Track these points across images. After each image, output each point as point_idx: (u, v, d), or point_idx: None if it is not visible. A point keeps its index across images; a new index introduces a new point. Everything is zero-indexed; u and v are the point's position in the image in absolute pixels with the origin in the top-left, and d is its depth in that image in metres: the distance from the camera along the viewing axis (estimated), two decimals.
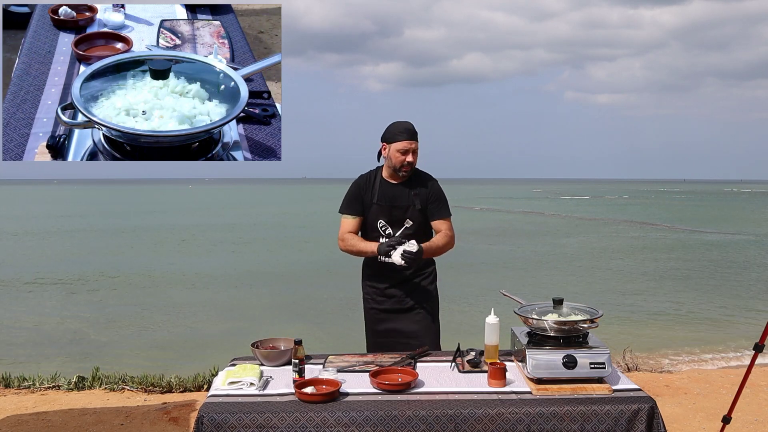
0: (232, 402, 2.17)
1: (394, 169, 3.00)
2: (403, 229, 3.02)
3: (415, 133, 2.99)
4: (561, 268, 15.13)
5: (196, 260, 16.76)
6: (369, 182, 3.08)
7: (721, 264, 15.65)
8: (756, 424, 3.99)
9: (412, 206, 3.01)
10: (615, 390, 2.22)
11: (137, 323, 9.46)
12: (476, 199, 57.70)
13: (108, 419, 4.06)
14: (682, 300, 11.17)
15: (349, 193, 3.10)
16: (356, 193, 3.08)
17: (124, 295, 11.79)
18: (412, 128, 2.99)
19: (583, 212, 38.66)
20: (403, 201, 3.02)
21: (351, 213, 3.08)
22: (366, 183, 3.09)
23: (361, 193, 3.07)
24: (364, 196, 3.07)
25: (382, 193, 3.04)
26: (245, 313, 10.24)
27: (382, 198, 3.04)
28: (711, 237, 22.73)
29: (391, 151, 2.97)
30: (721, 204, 51.36)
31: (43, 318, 9.75)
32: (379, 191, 3.04)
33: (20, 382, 4.78)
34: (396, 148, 2.95)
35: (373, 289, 3.13)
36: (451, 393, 2.23)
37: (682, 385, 4.93)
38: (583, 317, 2.36)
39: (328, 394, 2.16)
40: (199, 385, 4.77)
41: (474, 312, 9.62)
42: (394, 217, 3.03)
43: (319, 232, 24.67)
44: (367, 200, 3.06)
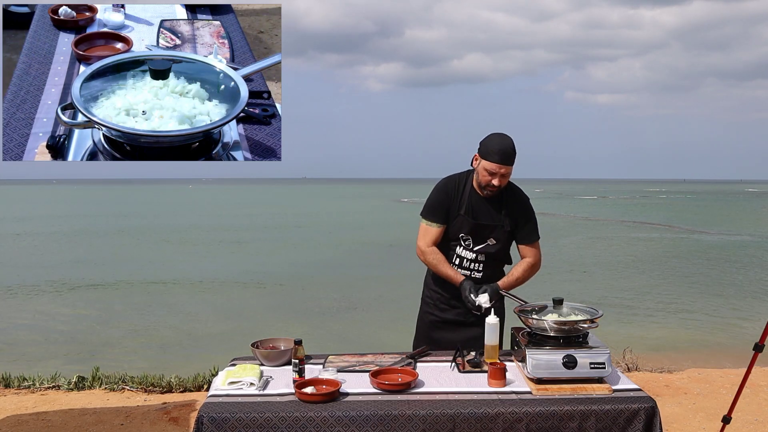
0: (232, 402, 2.17)
1: (479, 185, 2.82)
2: (485, 245, 2.85)
3: (510, 156, 2.71)
4: (561, 268, 15.12)
5: (196, 260, 16.76)
6: (458, 189, 2.87)
7: (722, 264, 15.65)
8: (756, 424, 3.99)
9: (500, 226, 2.84)
10: (615, 390, 2.22)
11: (137, 323, 9.45)
12: None
13: (108, 419, 4.06)
14: (683, 300, 11.17)
15: (435, 199, 2.90)
16: (443, 200, 2.87)
17: (124, 295, 11.79)
18: (508, 150, 2.71)
19: (583, 212, 38.66)
20: (491, 219, 2.84)
21: (435, 221, 2.88)
22: (455, 190, 2.87)
23: (449, 201, 2.86)
24: (452, 205, 2.86)
25: (470, 206, 2.84)
26: (245, 313, 10.24)
27: (470, 211, 2.84)
28: (711, 237, 22.73)
29: (481, 166, 2.75)
30: (721, 204, 51.35)
31: (43, 318, 9.75)
32: (468, 202, 2.84)
33: (20, 382, 4.78)
34: (485, 167, 2.73)
35: (437, 295, 2.98)
36: (451, 393, 2.23)
37: (682, 385, 4.93)
38: (583, 317, 2.36)
39: (328, 394, 2.16)
40: (199, 385, 4.77)
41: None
42: (479, 234, 2.85)
43: (319, 231, 24.69)
44: (454, 209, 2.86)
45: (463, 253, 2.89)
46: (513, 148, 2.74)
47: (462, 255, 2.89)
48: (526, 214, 2.90)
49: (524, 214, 2.89)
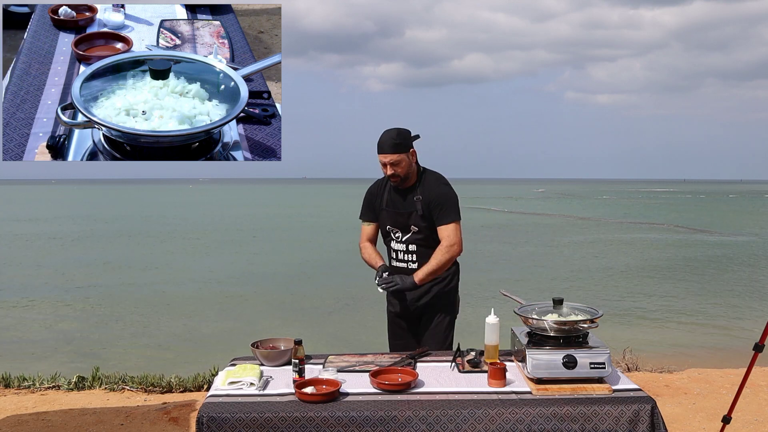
0: (232, 402, 2.17)
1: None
2: (411, 234, 3.01)
3: (390, 146, 2.90)
4: (561, 267, 15.13)
5: (196, 260, 16.76)
6: (380, 188, 3.12)
7: (722, 264, 15.65)
8: (756, 424, 3.99)
9: (415, 212, 2.99)
10: (615, 390, 2.22)
11: (137, 323, 9.45)
12: (477, 199, 57.71)
13: (108, 419, 4.06)
14: (683, 300, 11.16)
15: (364, 200, 3.17)
16: (369, 200, 3.15)
17: (124, 294, 11.79)
18: (389, 140, 2.92)
19: (583, 212, 38.67)
20: (406, 207, 3.01)
21: (366, 219, 3.17)
22: (377, 189, 3.13)
23: (373, 200, 3.12)
24: (375, 202, 3.11)
25: (390, 199, 3.06)
26: (245, 313, 10.23)
27: (390, 204, 3.06)
28: (711, 237, 22.73)
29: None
30: (722, 204, 51.37)
31: (43, 318, 9.75)
32: (387, 197, 3.07)
33: (20, 382, 4.78)
34: (379, 160, 2.96)
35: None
36: (451, 393, 2.23)
37: (682, 385, 4.93)
38: (583, 317, 2.36)
39: (328, 394, 2.16)
40: (199, 385, 4.77)
41: (474, 312, 9.62)
42: (400, 223, 3.03)
43: (319, 231, 24.69)
44: (377, 206, 3.11)
45: (396, 246, 3.08)
46: (395, 138, 2.92)
47: (395, 248, 3.09)
48: (440, 197, 2.98)
49: (437, 197, 2.98)
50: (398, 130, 2.95)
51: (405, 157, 2.92)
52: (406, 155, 2.93)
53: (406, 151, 2.93)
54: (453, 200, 3.01)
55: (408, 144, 2.94)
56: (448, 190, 3.02)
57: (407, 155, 2.94)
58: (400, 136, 2.93)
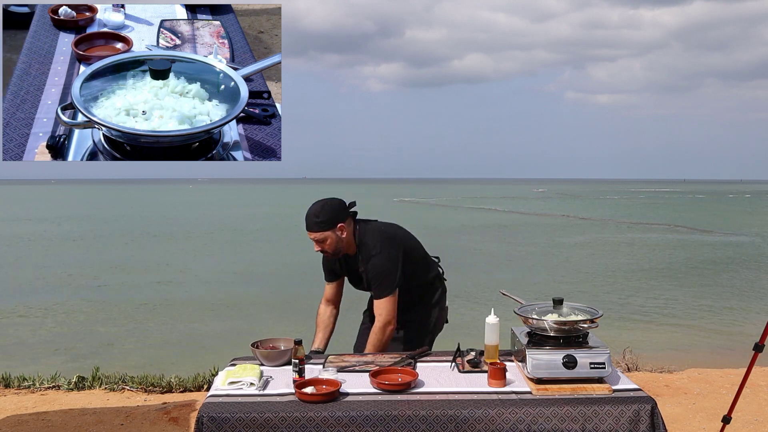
0: (232, 402, 2.17)
1: None
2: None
3: (315, 224, 2.77)
4: (561, 267, 15.12)
5: (196, 259, 16.76)
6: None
7: (722, 264, 15.65)
8: (756, 424, 3.99)
9: (364, 280, 2.94)
10: (615, 390, 2.22)
11: (137, 323, 9.45)
12: (477, 199, 57.70)
13: (108, 419, 4.06)
14: (683, 300, 11.16)
15: (323, 263, 3.10)
16: (326, 263, 3.07)
17: (124, 294, 11.79)
18: (311, 217, 2.79)
19: (584, 212, 38.66)
20: (357, 279, 2.99)
21: (328, 280, 3.11)
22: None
23: (331, 264, 3.05)
24: (333, 266, 3.05)
25: (344, 263, 3.00)
26: (245, 313, 10.23)
27: (344, 268, 3.02)
28: (711, 237, 22.73)
29: None
30: (722, 204, 51.36)
31: (43, 317, 9.75)
32: (340, 264, 3.01)
33: (20, 382, 4.78)
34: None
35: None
36: (451, 393, 2.23)
37: (682, 385, 4.93)
38: (583, 317, 2.36)
39: (328, 394, 2.16)
40: (199, 385, 4.77)
41: (474, 312, 9.62)
42: (362, 289, 3.02)
43: None
44: (337, 269, 3.05)
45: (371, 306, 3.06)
46: (317, 215, 2.78)
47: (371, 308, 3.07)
48: (373, 270, 2.85)
49: (370, 270, 2.86)
50: (323, 205, 2.81)
51: (330, 234, 2.78)
52: (332, 232, 2.78)
53: (330, 228, 2.78)
54: (386, 272, 2.83)
55: (334, 220, 2.78)
56: (379, 261, 2.82)
57: (333, 232, 2.79)
58: (324, 212, 2.78)
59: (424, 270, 3.07)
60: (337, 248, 2.85)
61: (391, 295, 2.83)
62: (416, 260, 3.01)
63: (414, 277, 2.98)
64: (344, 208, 2.86)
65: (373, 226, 2.94)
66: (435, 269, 3.14)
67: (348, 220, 2.87)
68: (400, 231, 3.03)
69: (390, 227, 3.01)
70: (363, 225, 2.93)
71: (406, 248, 2.93)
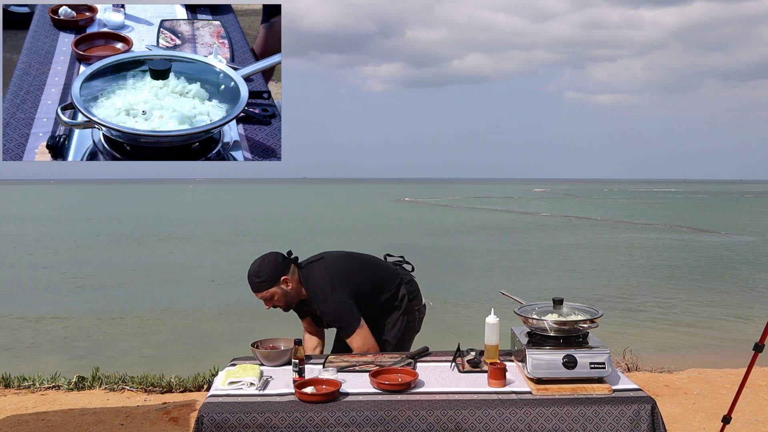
0: (232, 402, 2.17)
1: None
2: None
3: (256, 285, 2.77)
4: (561, 267, 15.12)
5: (196, 259, 16.76)
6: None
7: (722, 264, 15.65)
8: (756, 424, 3.99)
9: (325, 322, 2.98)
10: (615, 390, 2.22)
11: (137, 323, 9.46)
12: (477, 199, 57.70)
13: (108, 419, 4.06)
14: (683, 299, 11.16)
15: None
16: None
17: (124, 294, 11.79)
18: (252, 280, 2.79)
19: (584, 212, 38.66)
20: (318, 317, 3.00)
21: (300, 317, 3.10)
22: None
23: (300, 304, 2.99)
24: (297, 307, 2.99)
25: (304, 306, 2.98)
26: (245, 313, 10.23)
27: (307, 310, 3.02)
28: (712, 237, 22.73)
29: None
30: (722, 204, 51.35)
31: (43, 317, 9.75)
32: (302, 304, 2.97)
33: (20, 382, 4.78)
34: None
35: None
36: (451, 393, 2.23)
37: (682, 385, 4.93)
38: (583, 317, 2.36)
39: (328, 394, 2.16)
40: (199, 385, 4.77)
41: (474, 312, 9.62)
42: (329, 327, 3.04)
43: (319, 232, 24.68)
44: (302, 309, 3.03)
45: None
46: (257, 277, 2.77)
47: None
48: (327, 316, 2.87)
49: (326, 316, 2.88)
50: (261, 264, 2.79)
51: (276, 289, 2.79)
52: (277, 287, 2.79)
53: (274, 284, 2.78)
54: (340, 313, 2.81)
55: (275, 276, 2.77)
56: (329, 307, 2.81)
57: (278, 287, 2.79)
58: (263, 270, 2.77)
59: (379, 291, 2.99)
60: (287, 301, 2.84)
61: (358, 328, 2.79)
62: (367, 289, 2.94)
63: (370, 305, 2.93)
64: (282, 261, 2.83)
65: (317, 268, 2.88)
66: (393, 283, 3.04)
67: (291, 269, 2.85)
68: (345, 266, 2.95)
69: (333, 265, 2.92)
70: (307, 270, 2.89)
71: (352, 284, 2.87)
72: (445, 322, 8.82)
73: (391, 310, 3.02)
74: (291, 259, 2.89)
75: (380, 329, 3.00)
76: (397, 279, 3.06)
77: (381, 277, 3.02)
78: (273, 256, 2.84)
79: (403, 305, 3.04)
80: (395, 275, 3.08)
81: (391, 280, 3.04)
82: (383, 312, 3.02)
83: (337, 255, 3.01)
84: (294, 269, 2.87)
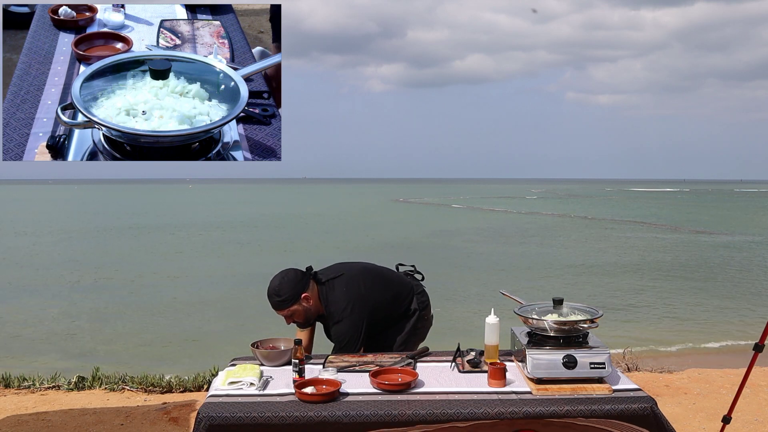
0: (232, 402, 2.17)
1: None
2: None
3: (277, 304, 2.77)
4: (561, 267, 15.13)
5: (195, 260, 16.76)
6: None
7: (722, 264, 15.65)
8: (756, 424, 3.99)
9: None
10: (615, 390, 2.22)
11: (137, 323, 9.46)
12: (477, 199, 57.71)
13: (108, 419, 4.06)
14: (683, 300, 11.17)
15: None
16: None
17: (124, 294, 11.80)
18: (273, 299, 2.78)
19: (584, 212, 38.66)
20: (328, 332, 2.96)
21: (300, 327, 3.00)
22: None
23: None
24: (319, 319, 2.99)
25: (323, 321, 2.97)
26: (245, 313, 10.23)
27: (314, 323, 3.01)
28: (712, 237, 22.73)
29: None
30: (722, 204, 51.34)
31: (43, 317, 9.75)
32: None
33: (20, 382, 4.78)
34: None
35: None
36: (451, 393, 2.23)
37: (682, 385, 4.93)
38: (583, 317, 2.36)
39: (328, 394, 2.16)
40: (199, 385, 4.77)
41: (474, 312, 9.62)
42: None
43: (318, 232, 24.68)
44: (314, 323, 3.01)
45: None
46: (277, 295, 2.76)
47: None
48: (335, 336, 2.84)
49: (333, 336, 2.85)
50: (281, 281, 2.78)
51: (297, 307, 2.78)
52: (298, 305, 2.78)
53: (294, 303, 2.77)
54: (346, 339, 2.79)
55: (296, 293, 2.76)
56: (342, 329, 2.79)
57: (299, 304, 2.78)
58: (283, 289, 2.76)
59: (394, 306, 2.99)
60: (307, 317, 2.84)
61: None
62: (383, 305, 2.93)
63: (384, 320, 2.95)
64: (302, 278, 2.81)
65: (337, 286, 2.85)
66: (407, 297, 3.03)
67: (311, 286, 2.83)
68: (364, 284, 2.90)
69: (354, 281, 2.89)
70: (328, 286, 2.86)
71: (369, 303, 2.85)
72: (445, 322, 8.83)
73: (401, 320, 3.03)
74: (310, 275, 2.87)
75: (390, 339, 2.99)
76: (410, 291, 3.06)
77: (396, 292, 3.02)
78: (292, 273, 2.82)
79: (414, 317, 3.04)
80: (408, 288, 3.07)
81: (404, 294, 3.04)
82: (394, 322, 3.02)
83: (355, 270, 2.98)
84: (313, 285, 2.85)
